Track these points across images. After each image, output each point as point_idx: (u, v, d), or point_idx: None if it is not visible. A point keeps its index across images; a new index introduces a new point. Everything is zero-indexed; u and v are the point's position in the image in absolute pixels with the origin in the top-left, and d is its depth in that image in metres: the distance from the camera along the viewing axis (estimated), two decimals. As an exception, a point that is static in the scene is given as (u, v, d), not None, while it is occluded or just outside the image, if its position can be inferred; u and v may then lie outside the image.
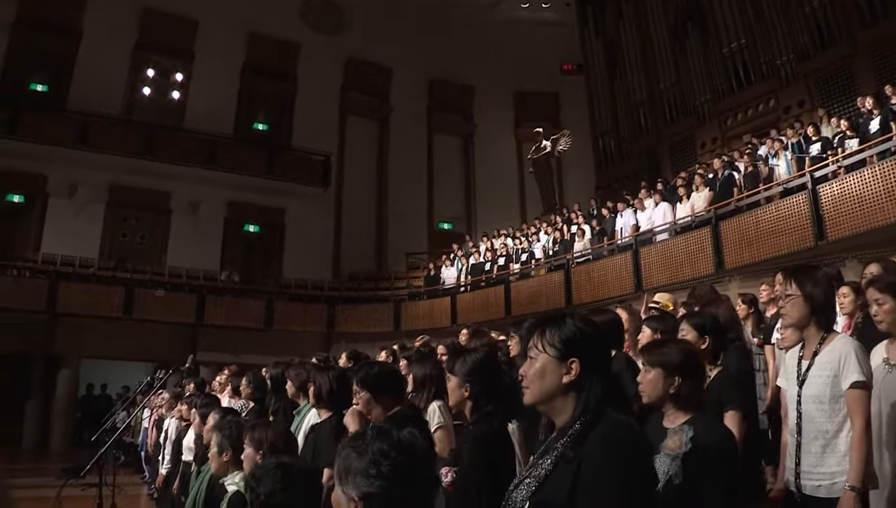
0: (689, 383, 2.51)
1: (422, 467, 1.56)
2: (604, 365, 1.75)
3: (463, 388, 2.70)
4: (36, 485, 10.74)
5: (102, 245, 18.55)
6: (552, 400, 1.70)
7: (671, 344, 2.73)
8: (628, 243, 13.36)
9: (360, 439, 1.55)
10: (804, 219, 10.38)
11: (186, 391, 7.11)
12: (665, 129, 19.72)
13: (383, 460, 1.49)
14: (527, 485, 1.63)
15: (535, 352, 1.73)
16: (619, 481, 1.52)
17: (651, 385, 2.56)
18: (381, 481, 1.47)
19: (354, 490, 1.49)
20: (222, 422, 3.34)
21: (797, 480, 2.67)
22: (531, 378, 1.72)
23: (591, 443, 1.57)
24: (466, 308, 16.27)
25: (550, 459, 1.63)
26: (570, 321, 1.72)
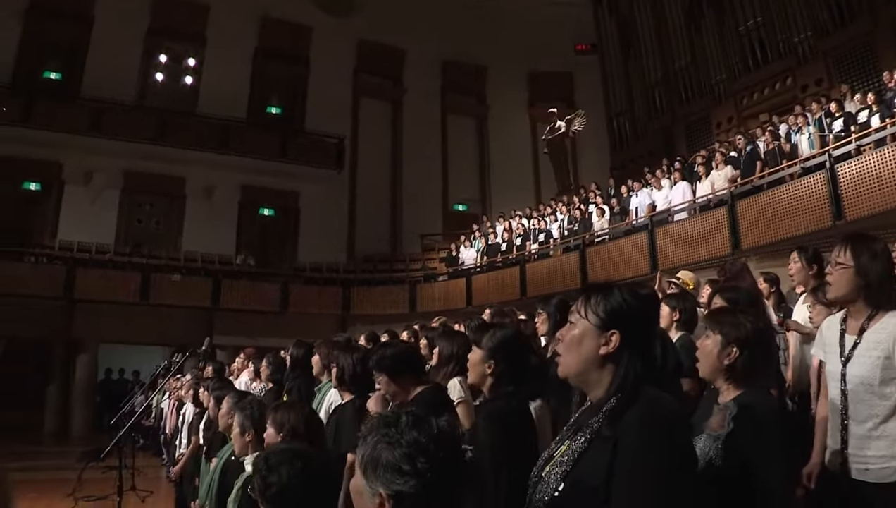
0: (746, 356, 2.28)
1: (463, 461, 1.38)
2: (645, 341, 1.67)
3: (487, 364, 2.58)
4: (58, 468, 10.92)
5: (118, 231, 18.66)
6: (587, 372, 1.64)
7: (739, 313, 2.45)
8: (644, 223, 13.26)
9: (393, 426, 1.33)
10: (822, 198, 10.24)
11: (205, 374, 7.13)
12: (680, 109, 19.52)
13: (419, 455, 1.28)
14: (560, 464, 1.57)
15: (577, 318, 1.68)
16: (657, 461, 1.46)
17: (706, 354, 2.35)
18: (416, 480, 1.27)
19: (383, 487, 1.29)
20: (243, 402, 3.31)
21: (844, 464, 2.48)
22: (567, 345, 1.67)
23: (628, 422, 1.51)
24: (482, 289, 16.24)
25: (584, 437, 1.57)
26: (617, 292, 1.66)
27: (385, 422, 1.36)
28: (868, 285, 2.49)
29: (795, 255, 4.68)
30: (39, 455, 13.13)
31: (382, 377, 3.02)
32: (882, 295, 2.50)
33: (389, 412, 1.46)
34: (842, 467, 2.49)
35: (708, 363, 2.34)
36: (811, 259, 4.62)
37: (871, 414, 2.44)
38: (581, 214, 15.12)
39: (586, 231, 14.52)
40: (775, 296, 5.97)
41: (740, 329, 2.30)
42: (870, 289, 2.49)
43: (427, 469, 1.27)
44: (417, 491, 1.27)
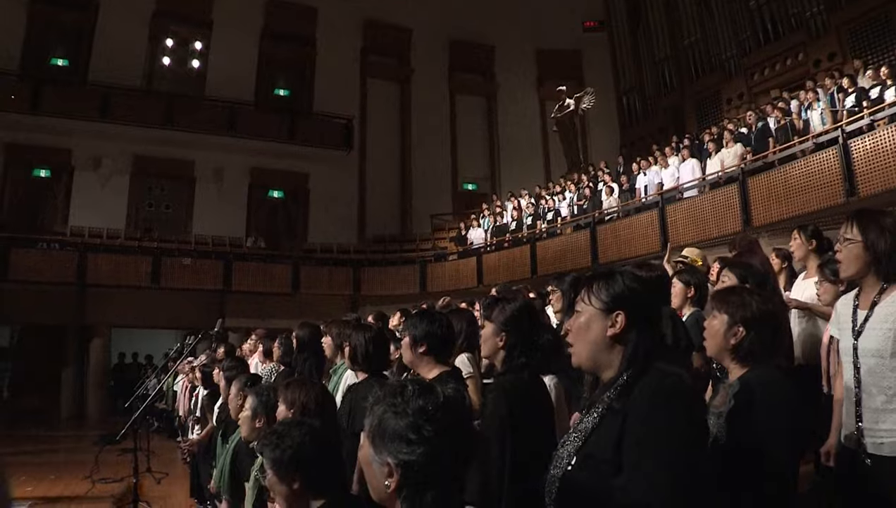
0: (753, 336, 2.29)
1: (469, 430, 1.39)
2: (651, 319, 1.70)
3: (498, 337, 2.61)
4: (75, 451, 11.07)
5: (129, 216, 18.73)
6: (598, 356, 1.68)
7: (744, 292, 2.47)
8: (654, 200, 13.20)
9: (400, 396, 1.34)
10: (834, 175, 10.14)
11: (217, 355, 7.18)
12: (690, 85, 19.38)
13: (425, 423, 1.29)
14: (573, 440, 1.61)
15: (582, 306, 1.72)
16: (667, 432, 1.49)
17: (712, 334, 2.37)
18: (423, 447, 1.28)
19: (391, 456, 1.30)
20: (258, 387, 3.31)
21: (860, 439, 2.46)
22: (575, 333, 1.71)
23: (638, 395, 1.55)
24: (492, 268, 16.23)
25: (597, 412, 1.61)
26: (619, 278, 1.71)
27: (391, 392, 1.37)
28: (878, 260, 2.47)
29: (796, 233, 4.73)
30: (57, 438, 13.30)
31: (410, 339, 3.06)
32: (892, 268, 2.48)
33: (396, 382, 1.46)
34: (857, 442, 2.48)
35: (715, 343, 2.35)
36: (810, 236, 4.70)
37: (883, 387, 2.42)
38: (590, 192, 15.06)
39: (595, 210, 14.46)
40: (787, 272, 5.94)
41: (746, 309, 2.30)
42: (879, 263, 2.48)
43: (433, 436, 1.28)
44: (424, 460, 1.27)
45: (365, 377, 3.60)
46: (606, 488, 1.49)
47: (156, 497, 7.57)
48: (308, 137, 20.09)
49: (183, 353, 8.45)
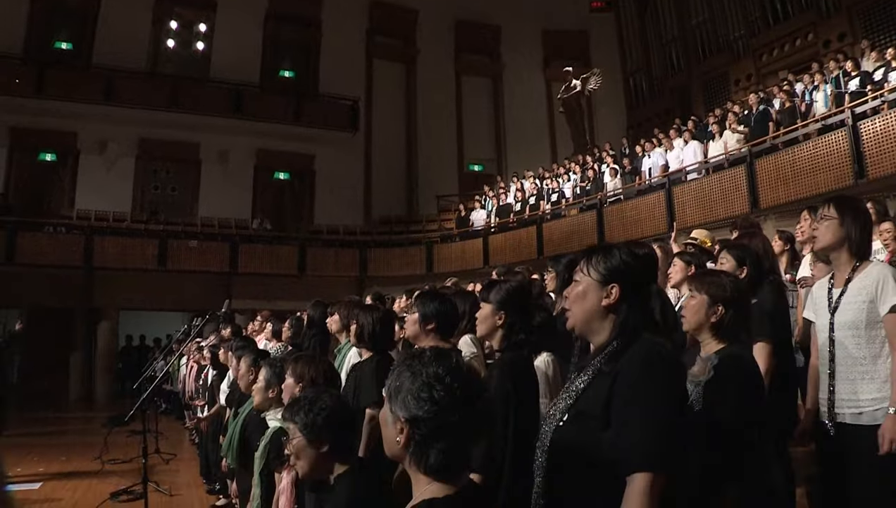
0: (730, 314, 2.50)
1: (478, 397, 1.49)
2: (643, 293, 1.85)
3: (496, 316, 2.69)
4: (84, 432, 11.18)
5: (134, 199, 18.78)
6: (591, 322, 1.83)
7: (719, 274, 2.72)
8: (661, 182, 13.16)
9: (417, 359, 1.50)
10: (843, 156, 10.08)
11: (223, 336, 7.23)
12: (698, 66, 19.26)
13: (437, 384, 1.43)
14: (565, 399, 1.76)
15: (580, 276, 1.87)
16: (652, 391, 1.63)
17: (693, 312, 2.55)
18: (430, 405, 1.41)
19: (402, 411, 1.44)
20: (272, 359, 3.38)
21: (831, 410, 2.64)
22: (573, 299, 1.86)
23: (628, 358, 1.70)
24: (499, 249, 16.24)
25: (587, 374, 1.76)
26: (616, 252, 1.85)
27: (411, 356, 1.53)
28: (850, 238, 2.71)
29: (806, 213, 4.77)
30: (66, 420, 13.44)
31: (418, 315, 3.15)
32: (863, 247, 2.74)
33: (418, 348, 1.62)
34: (830, 413, 2.64)
35: (695, 320, 2.54)
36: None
37: (857, 358, 2.61)
38: (594, 174, 15.03)
39: (598, 191, 14.44)
40: (789, 254, 5.94)
41: (725, 289, 2.52)
42: (852, 241, 2.71)
43: (443, 397, 1.42)
44: (431, 416, 1.41)
45: (370, 355, 3.64)
46: (595, 440, 1.64)
47: (165, 477, 7.66)
48: (314, 119, 20.06)
49: (190, 335, 8.50)
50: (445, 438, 1.42)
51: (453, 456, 1.44)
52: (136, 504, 5.77)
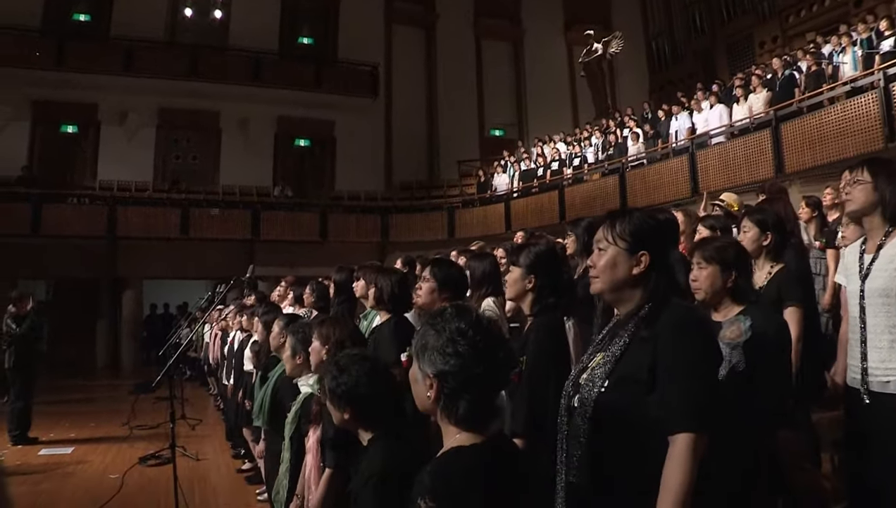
0: (743, 277, 2.57)
1: (499, 347, 1.54)
2: (669, 258, 1.84)
3: (526, 280, 2.67)
4: (112, 400, 11.41)
5: (156, 168, 18.86)
6: (621, 290, 1.82)
7: (724, 241, 2.76)
8: (684, 146, 12.99)
9: (440, 316, 1.54)
10: (873, 119, 9.85)
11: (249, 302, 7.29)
12: (721, 29, 18.88)
13: (460, 338, 1.48)
14: (603, 364, 1.74)
15: (605, 244, 1.84)
16: (692, 354, 1.65)
17: (709, 281, 2.59)
18: (456, 359, 1.47)
19: (430, 367, 1.50)
20: (294, 326, 3.40)
21: (864, 377, 2.55)
22: (602, 269, 1.83)
23: (665, 324, 1.70)
24: (520, 214, 16.20)
25: (622, 341, 1.74)
26: (637, 215, 1.83)
27: (434, 314, 1.58)
28: (884, 202, 2.61)
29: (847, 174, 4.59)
30: (93, 388, 13.69)
31: (432, 282, 3.21)
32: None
33: (440, 307, 1.67)
34: (863, 381, 2.56)
35: (713, 289, 2.58)
36: None
37: (889, 325, 2.51)
38: (616, 138, 14.87)
39: (621, 156, 14.30)
40: (817, 220, 5.86)
41: (732, 254, 2.59)
42: (885, 206, 2.61)
43: (467, 351, 1.47)
44: (458, 370, 1.47)
45: (388, 317, 3.65)
46: (640, 403, 1.65)
47: (191, 442, 7.80)
48: (333, 86, 19.95)
49: (213, 302, 8.58)
50: (472, 389, 1.48)
51: (480, 407, 1.50)
52: (165, 469, 5.87)
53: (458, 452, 1.46)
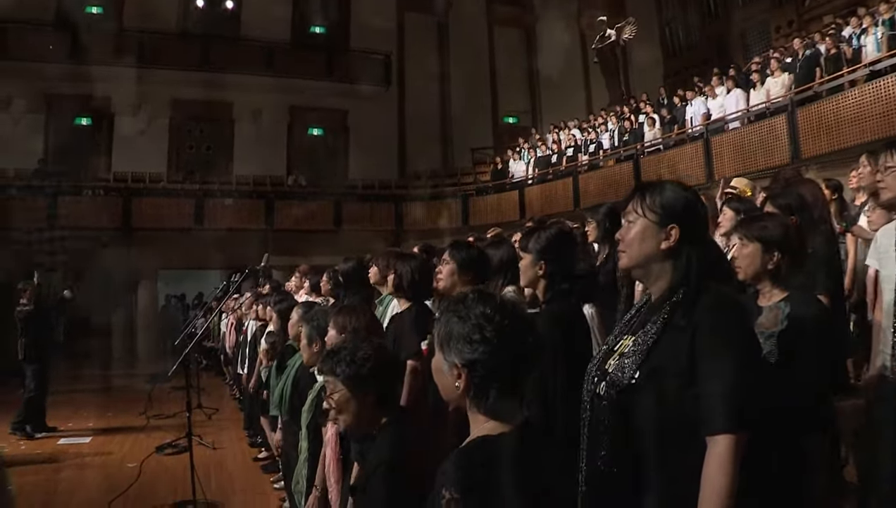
0: (788, 259, 2.40)
1: (527, 331, 1.47)
2: (702, 234, 1.73)
3: (537, 266, 2.57)
4: (128, 389, 11.49)
5: (170, 159, 18.95)
6: (649, 265, 1.72)
7: (771, 218, 2.57)
8: (699, 131, 12.88)
9: (462, 303, 1.47)
10: (894, 103, 9.70)
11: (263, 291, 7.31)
12: (736, 13, 18.63)
13: (487, 324, 1.41)
14: (633, 354, 1.63)
15: (634, 216, 1.73)
16: (737, 348, 1.55)
17: (748, 260, 2.44)
18: (484, 346, 1.40)
19: (458, 357, 1.43)
20: (310, 314, 3.37)
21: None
22: (629, 242, 1.74)
23: (703, 312, 1.59)
24: (535, 201, 16.16)
25: (655, 328, 1.63)
26: (669, 187, 1.73)
27: (455, 301, 1.51)
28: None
29: (864, 159, 4.49)
30: (110, 377, 13.80)
31: (452, 264, 3.15)
32: None
33: (459, 292, 1.59)
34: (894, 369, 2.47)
35: (752, 268, 2.43)
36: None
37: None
38: (631, 124, 14.77)
39: (637, 142, 14.19)
40: (837, 204, 5.77)
41: (777, 234, 2.41)
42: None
43: (494, 336, 1.40)
44: (486, 358, 1.40)
45: (408, 305, 3.61)
46: (675, 398, 1.55)
47: (208, 431, 7.85)
48: (346, 75, 19.95)
49: (228, 291, 8.61)
50: (503, 376, 1.42)
51: (511, 394, 1.44)
52: (182, 458, 5.90)
53: (484, 441, 1.41)
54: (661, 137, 13.92)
